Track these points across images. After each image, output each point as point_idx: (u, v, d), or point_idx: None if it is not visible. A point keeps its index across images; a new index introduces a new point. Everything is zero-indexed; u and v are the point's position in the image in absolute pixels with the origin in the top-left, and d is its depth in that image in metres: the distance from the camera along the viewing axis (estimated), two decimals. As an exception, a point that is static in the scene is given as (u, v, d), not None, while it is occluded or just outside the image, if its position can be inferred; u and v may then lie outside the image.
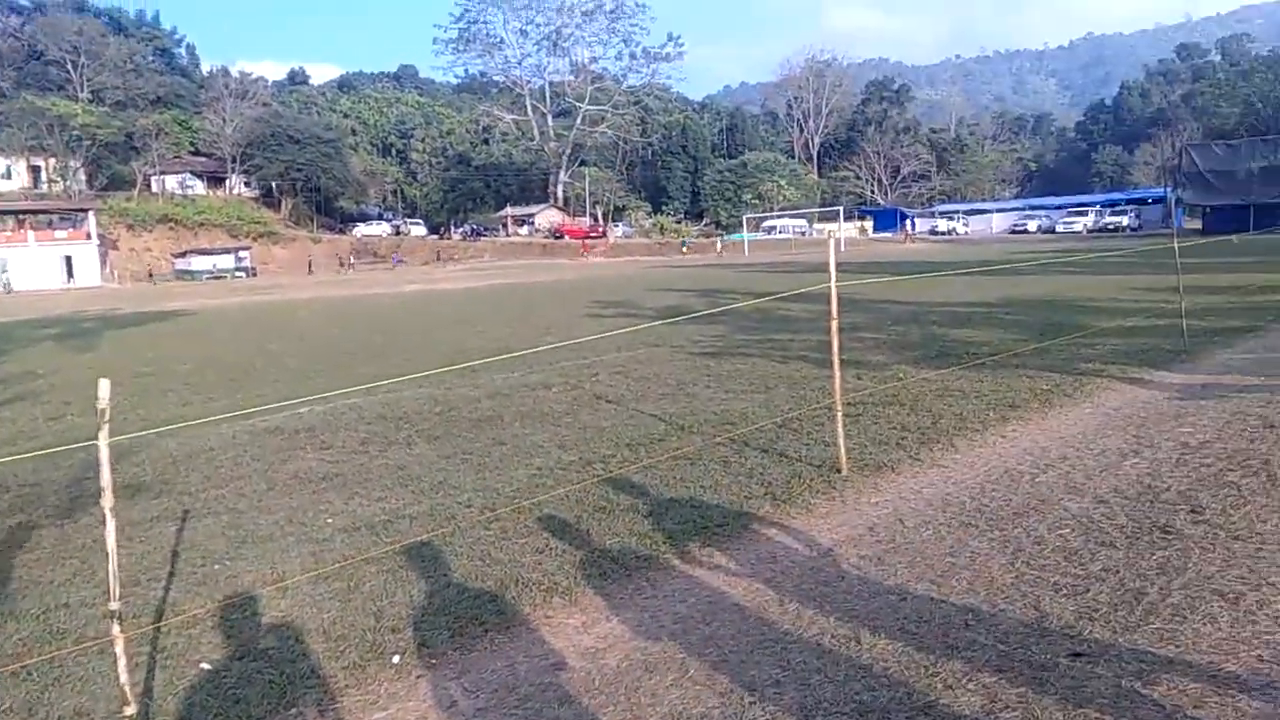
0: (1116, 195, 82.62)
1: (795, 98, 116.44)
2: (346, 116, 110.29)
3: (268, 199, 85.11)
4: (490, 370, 11.28)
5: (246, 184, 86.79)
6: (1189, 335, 10.33)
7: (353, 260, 70.17)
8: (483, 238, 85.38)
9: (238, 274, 64.95)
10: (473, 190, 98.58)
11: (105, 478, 3.06)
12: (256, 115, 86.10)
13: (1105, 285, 18.84)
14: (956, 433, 6.85)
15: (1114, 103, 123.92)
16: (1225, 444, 5.94)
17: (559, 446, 7.23)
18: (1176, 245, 12.12)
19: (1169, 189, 66.77)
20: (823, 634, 3.69)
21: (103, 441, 3.04)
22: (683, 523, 5.17)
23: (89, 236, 62.91)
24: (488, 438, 7.73)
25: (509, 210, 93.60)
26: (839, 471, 5.98)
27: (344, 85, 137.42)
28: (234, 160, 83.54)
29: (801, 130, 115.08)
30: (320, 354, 14.97)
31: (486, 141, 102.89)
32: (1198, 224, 57.39)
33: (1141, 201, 74.84)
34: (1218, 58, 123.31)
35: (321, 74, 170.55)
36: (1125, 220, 69.59)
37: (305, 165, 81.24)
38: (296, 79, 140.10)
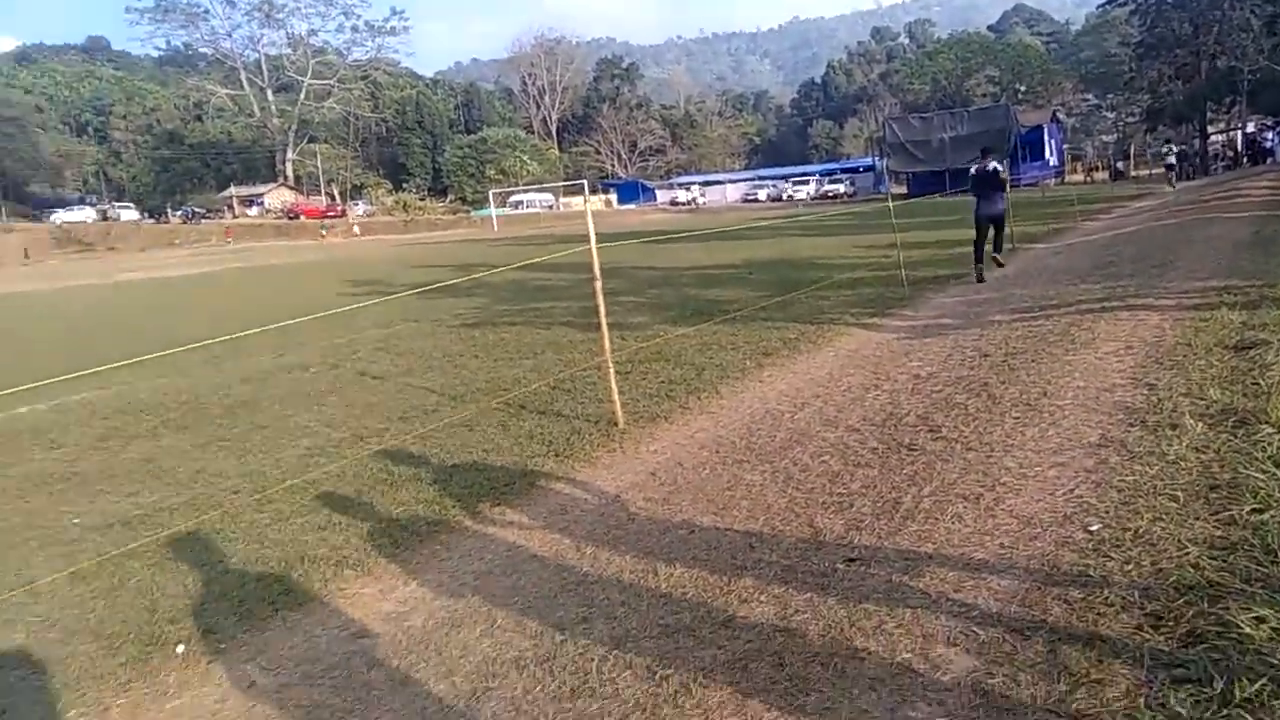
0: (832, 165, 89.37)
1: (529, 74, 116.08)
2: (29, 92, 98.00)
3: (-58, 186, 74.19)
4: (238, 355, 10.59)
5: (-84, 171, 75.04)
6: (908, 284, 11.44)
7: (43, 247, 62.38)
8: (206, 220, 78.68)
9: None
10: (190, 170, 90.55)
11: None
12: (-81, 89, 74.66)
13: (832, 245, 20.40)
14: (720, 381, 7.22)
15: (823, 81, 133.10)
16: (949, 372, 6.67)
17: (327, 425, 6.93)
18: (892, 207, 13.37)
19: (877, 158, 73.02)
20: (622, 571, 3.82)
21: None
22: (469, 486, 5.14)
23: None
24: (246, 422, 7.28)
25: (234, 190, 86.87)
26: (616, 425, 6.14)
27: (23, 58, 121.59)
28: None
29: (539, 107, 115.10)
30: (38, 350, 13.36)
31: (200, 118, 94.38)
32: (904, 189, 63.17)
33: (854, 170, 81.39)
34: (906, 40, 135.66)
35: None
36: (842, 187, 75.43)
37: (-15, 147, 71.60)
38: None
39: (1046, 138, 63.09)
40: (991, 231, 12.43)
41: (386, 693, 3.07)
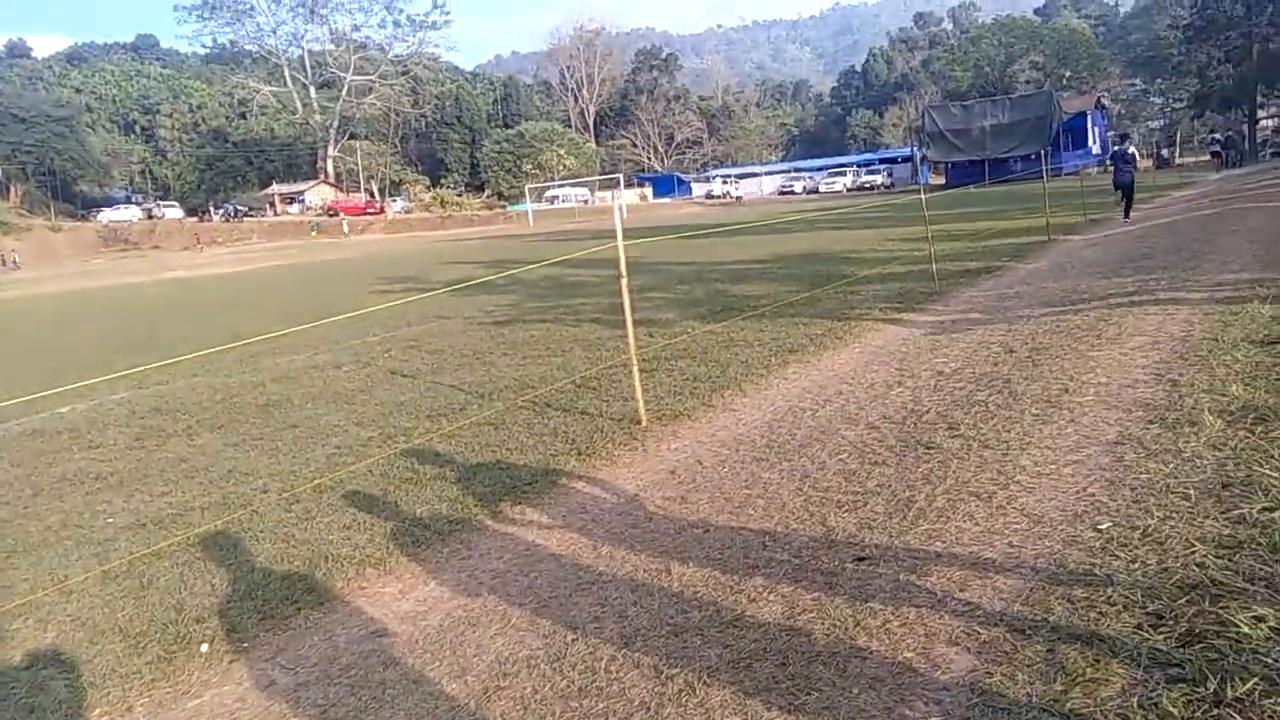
0: (870, 156, 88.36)
1: (568, 67, 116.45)
2: (79, 92, 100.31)
3: (-8, 185, 76.08)
4: (272, 354, 10.78)
5: (-34, 169, 77.26)
6: (938, 278, 11.36)
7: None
8: (249, 218, 79.96)
9: (-37, 271, 57.52)
10: (233, 168, 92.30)
11: None
12: (-30, 92, 76.82)
13: (865, 238, 20.28)
14: (744, 379, 7.25)
15: (863, 69, 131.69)
16: (973, 369, 6.64)
17: (356, 424, 7.06)
18: (924, 199, 13.27)
19: (915, 148, 72.16)
20: (636, 571, 3.88)
21: None
22: (492, 485, 5.22)
23: None
24: (278, 421, 7.43)
25: (275, 188, 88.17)
26: (639, 423, 6.19)
27: (74, 58, 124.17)
28: (-52, 144, 74.30)
29: (576, 99, 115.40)
30: (77, 350, 13.72)
31: (244, 116, 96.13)
32: (942, 179, 62.46)
33: (893, 160, 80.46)
34: (950, 25, 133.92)
35: (46, 46, 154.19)
36: (879, 179, 74.52)
37: (35, 146, 73.44)
38: (16, 51, 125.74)
39: (1090, 125, 62.02)
40: (1121, 194, 18.81)
41: (400, 692, 3.15)
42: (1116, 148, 19.70)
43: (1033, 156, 48.51)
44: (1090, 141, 61.42)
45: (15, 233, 67.40)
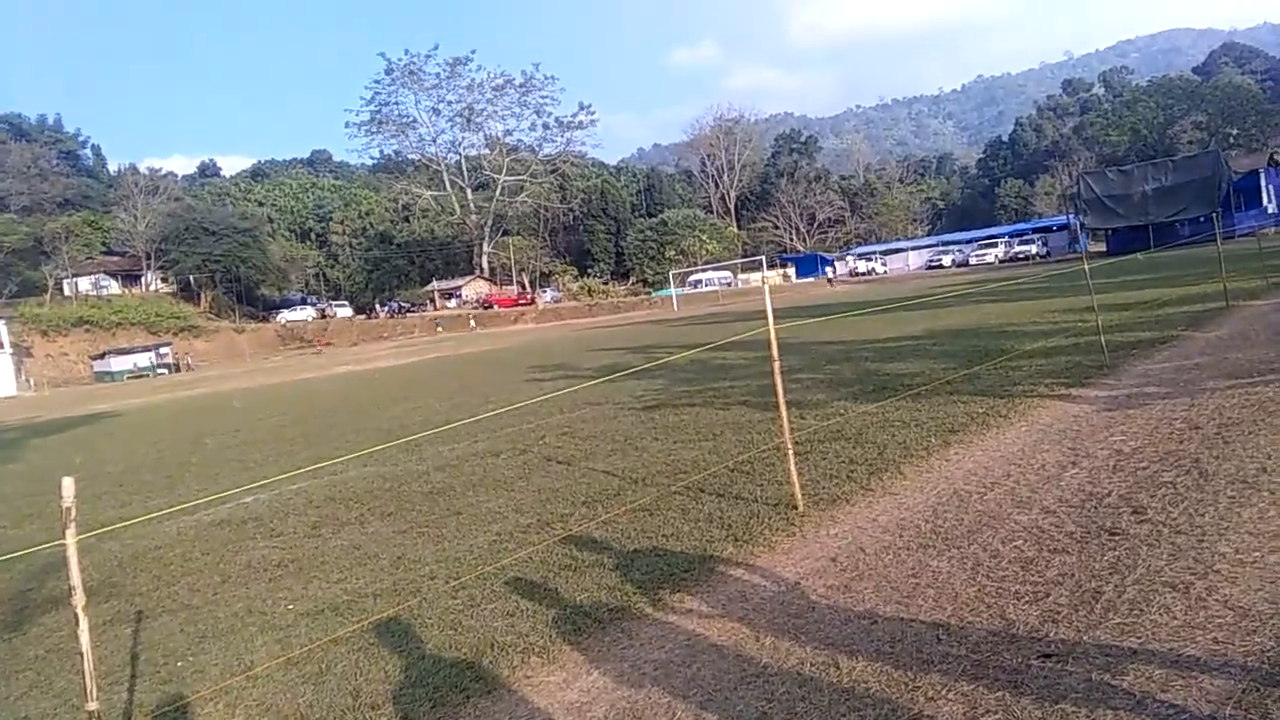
0: (1022, 226, 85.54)
1: (708, 155, 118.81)
2: (262, 204, 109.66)
3: (186, 293, 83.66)
4: (435, 443, 11.21)
5: (164, 279, 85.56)
6: (1108, 350, 10.77)
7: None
8: (411, 313, 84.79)
9: (160, 371, 63.16)
10: (396, 268, 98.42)
11: (75, 576, 3.01)
12: (169, 210, 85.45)
13: (1023, 310, 19.49)
14: (903, 460, 7.03)
15: (1010, 139, 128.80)
16: (1156, 447, 6.22)
17: (515, 510, 7.22)
18: (1087, 267, 12.70)
19: (1071, 215, 69.42)
20: (801, 663, 3.76)
21: (70, 540, 3.00)
22: (650, 572, 5.21)
23: (1, 346, 60.96)
24: (442, 509, 7.68)
25: (435, 284, 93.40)
26: (795, 508, 6.08)
27: (257, 174, 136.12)
28: (149, 257, 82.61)
29: (717, 186, 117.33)
30: (259, 443, 14.67)
31: (407, 219, 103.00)
32: (1102, 247, 59.75)
33: (1046, 229, 77.66)
34: (1101, 90, 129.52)
35: (233, 165, 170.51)
36: (1033, 249, 71.90)
37: (223, 256, 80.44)
38: (208, 171, 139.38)
39: (1264, 183, 58.25)
40: None
41: (568, 784, 3.13)
42: None
43: (1201, 219, 45.92)
44: (1265, 201, 57.60)
45: (205, 335, 73.80)
